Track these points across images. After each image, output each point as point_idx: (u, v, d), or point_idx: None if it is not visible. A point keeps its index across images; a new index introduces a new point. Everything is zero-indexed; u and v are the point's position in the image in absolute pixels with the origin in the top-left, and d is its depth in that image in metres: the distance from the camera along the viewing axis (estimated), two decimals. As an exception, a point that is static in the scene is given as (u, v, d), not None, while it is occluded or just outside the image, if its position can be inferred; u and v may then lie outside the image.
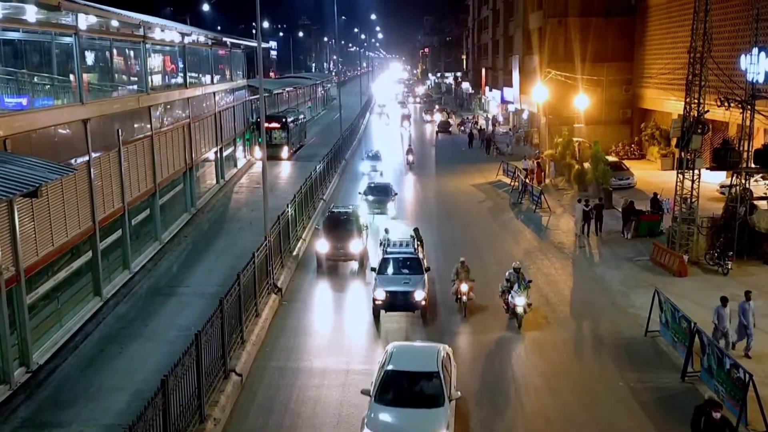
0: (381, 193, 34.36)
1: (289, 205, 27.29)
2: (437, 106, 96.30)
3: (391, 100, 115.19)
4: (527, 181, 38.15)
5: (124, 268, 24.66)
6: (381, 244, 24.42)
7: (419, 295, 20.48)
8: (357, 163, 50.14)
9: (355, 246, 25.71)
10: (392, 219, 32.74)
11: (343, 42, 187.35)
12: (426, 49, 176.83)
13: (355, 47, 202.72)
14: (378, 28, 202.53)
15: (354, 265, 25.96)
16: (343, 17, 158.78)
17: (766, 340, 18.51)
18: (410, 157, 48.88)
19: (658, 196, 29.79)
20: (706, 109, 24.95)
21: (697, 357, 16.27)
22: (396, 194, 35.15)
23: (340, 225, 26.58)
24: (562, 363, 17.92)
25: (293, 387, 16.95)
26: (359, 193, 35.38)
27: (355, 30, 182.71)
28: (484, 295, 21.98)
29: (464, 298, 21.10)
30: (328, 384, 17.14)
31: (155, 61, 32.05)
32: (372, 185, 35.72)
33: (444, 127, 72.76)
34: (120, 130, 24.39)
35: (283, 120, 53.12)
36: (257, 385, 16.94)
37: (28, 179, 14.96)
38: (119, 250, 24.57)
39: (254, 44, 45.61)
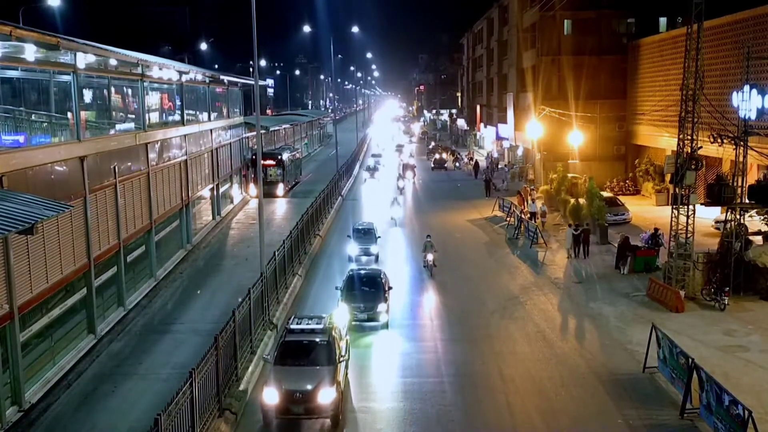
0: (369, 287, 23.70)
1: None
2: (433, 143, 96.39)
3: (387, 143, 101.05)
4: (523, 216, 38.21)
5: (119, 305, 24.52)
6: None
7: None
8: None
9: (325, 394, 16.06)
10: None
11: (339, 80, 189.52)
12: (421, 87, 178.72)
13: (351, 85, 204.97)
14: (374, 66, 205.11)
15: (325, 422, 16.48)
16: (340, 56, 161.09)
17: (764, 376, 18.43)
18: (430, 256, 29.45)
19: (658, 232, 29.86)
20: (699, 146, 25.17)
21: (696, 393, 16.15)
22: (391, 288, 24.17)
23: (301, 354, 17.21)
24: (560, 400, 17.76)
25: (288, 425, 16.72)
26: (336, 287, 24.39)
27: (351, 68, 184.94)
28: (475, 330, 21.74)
29: None
30: (325, 422, 16.93)
31: (153, 99, 32.31)
32: (357, 274, 24.78)
33: (440, 163, 73.51)
34: (117, 167, 24.47)
35: (279, 157, 53.35)
36: (252, 424, 16.72)
37: (24, 216, 14.94)
38: (114, 286, 24.46)
39: (251, 82, 46.07)
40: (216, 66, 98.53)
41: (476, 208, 46.44)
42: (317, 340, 17.56)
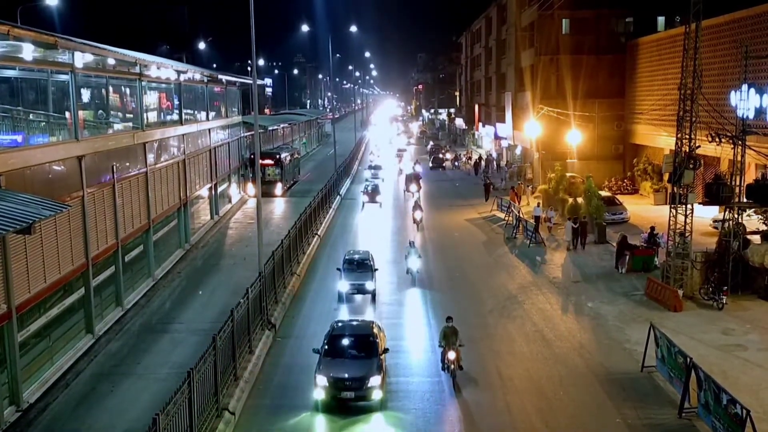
0: (358, 350, 18.23)
1: None
2: (432, 143, 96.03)
3: (386, 148, 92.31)
4: (520, 213, 38.19)
5: (117, 304, 24.49)
6: None
7: None
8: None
9: None
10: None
11: (337, 79, 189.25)
12: (420, 86, 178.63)
13: (349, 84, 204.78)
14: (372, 66, 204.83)
15: None
16: (338, 55, 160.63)
17: (763, 375, 18.45)
18: (452, 354, 18.98)
19: (654, 231, 29.91)
20: (697, 145, 25.19)
21: (694, 392, 16.16)
22: (387, 350, 18.49)
23: None
24: (559, 400, 17.77)
25: (286, 426, 16.71)
26: (314, 350, 18.52)
27: (350, 67, 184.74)
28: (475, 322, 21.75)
29: None
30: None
31: (151, 98, 32.28)
32: (343, 329, 19.24)
33: (438, 162, 73.47)
34: (115, 167, 24.44)
35: (277, 156, 53.32)
36: (250, 424, 16.70)
37: (22, 216, 14.93)
38: (112, 286, 24.43)
39: (249, 81, 46.02)
40: (214, 65, 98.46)
41: (474, 208, 46.44)
42: None
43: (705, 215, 31.71)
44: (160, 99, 34.27)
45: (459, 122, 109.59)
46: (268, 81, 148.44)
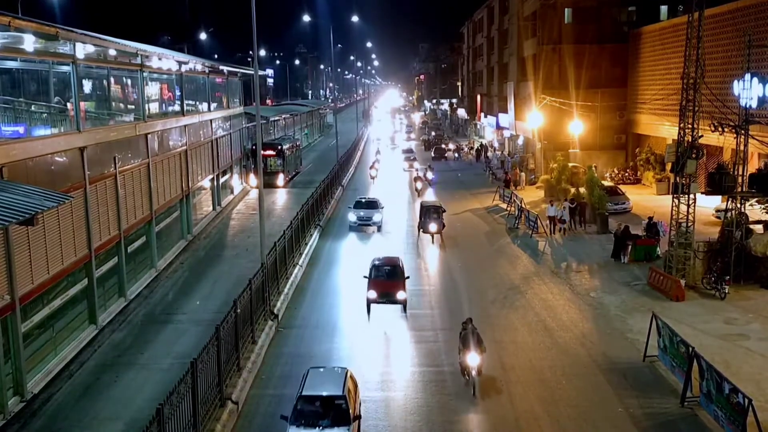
0: None
1: None
2: (433, 133, 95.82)
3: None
4: (522, 204, 38.18)
5: (120, 295, 24.56)
6: None
7: None
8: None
9: None
10: None
11: (339, 69, 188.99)
12: (422, 76, 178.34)
13: (351, 74, 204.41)
14: (374, 56, 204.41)
15: None
16: (339, 45, 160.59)
17: (765, 364, 18.47)
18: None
19: (652, 220, 29.91)
20: (700, 134, 25.13)
21: (696, 382, 16.20)
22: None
23: None
24: (561, 389, 17.81)
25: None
26: None
27: (351, 58, 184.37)
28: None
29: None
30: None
31: (152, 89, 32.23)
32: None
33: (440, 153, 73.38)
34: (117, 158, 24.45)
35: (279, 147, 53.28)
36: (253, 413, 16.78)
37: (24, 207, 14.94)
38: (115, 277, 24.49)
39: (251, 72, 45.91)
40: (215, 56, 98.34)
41: (476, 197, 46.41)
42: None
43: (707, 205, 31.69)
44: (161, 90, 34.23)
45: (461, 112, 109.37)
46: (270, 71, 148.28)
